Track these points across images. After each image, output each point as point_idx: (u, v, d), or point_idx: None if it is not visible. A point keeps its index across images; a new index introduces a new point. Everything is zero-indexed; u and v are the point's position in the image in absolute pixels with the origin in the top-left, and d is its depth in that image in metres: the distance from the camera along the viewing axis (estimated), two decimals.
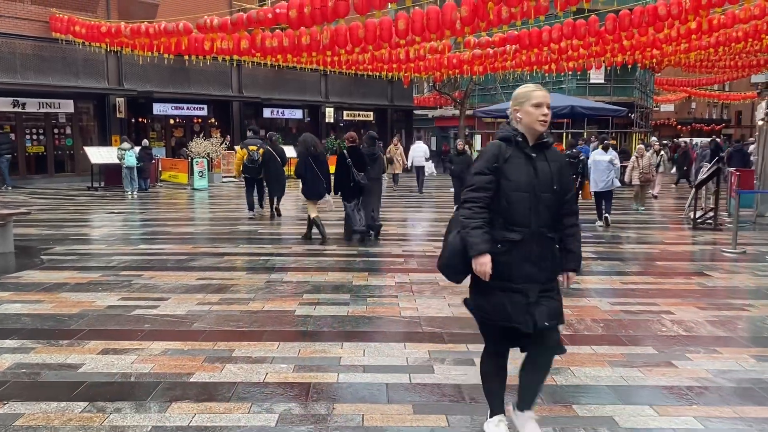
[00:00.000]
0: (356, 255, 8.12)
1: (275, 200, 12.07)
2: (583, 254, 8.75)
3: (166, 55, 15.52)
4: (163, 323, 5.09)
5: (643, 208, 13.41)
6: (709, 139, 31.47)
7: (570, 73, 23.51)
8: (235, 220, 11.73)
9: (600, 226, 10.91)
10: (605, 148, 11.07)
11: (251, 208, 12.05)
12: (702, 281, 6.75)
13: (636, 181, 13.13)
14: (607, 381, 3.93)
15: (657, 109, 41.38)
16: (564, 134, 25.68)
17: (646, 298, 5.96)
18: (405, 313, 5.38)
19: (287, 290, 6.19)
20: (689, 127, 48.90)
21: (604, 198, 10.90)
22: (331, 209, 9.38)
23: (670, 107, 46.03)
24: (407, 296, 5.96)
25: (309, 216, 9.20)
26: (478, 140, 31.69)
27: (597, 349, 4.49)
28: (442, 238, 3.08)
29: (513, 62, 18.09)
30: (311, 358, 4.27)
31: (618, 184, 11.22)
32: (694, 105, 50.32)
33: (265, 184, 12.14)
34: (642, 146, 13.36)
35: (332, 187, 9.08)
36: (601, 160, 10.79)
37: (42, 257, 7.87)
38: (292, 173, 13.10)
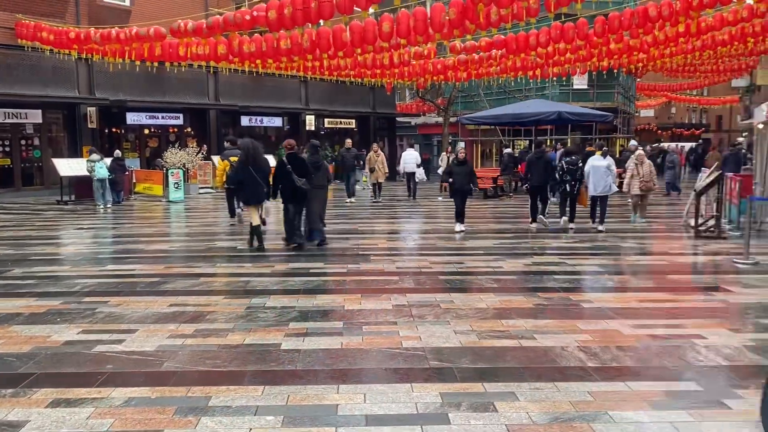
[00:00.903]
0: (346, 273, 7.47)
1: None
2: (588, 268, 8.16)
3: (138, 62, 14.76)
4: (129, 363, 4.39)
5: (644, 220, 12.23)
6: (677, 145, 31.33)
7: (554, 79, 23.21)
8: (212, 234, 11.00)
9: (592, 227, 11.09)
10: (603, 155, 11.34)
11: (233, 214, 12.47)
12: (724, 297, 6.23)
13: (636, 191, 12.02)
14: (654, 428, 3.34)
15: (638, 114, 41.35)
16: (549, 140, 25.42)
17: (670, 319, 5.40)
18: (407, 344, 4.75)
19: (271, 318, 5.51)
20: (670, 131, 49.11)
21: (600, 202, 11.05)
22: (268, 214, 9.24)
23: (650, 112, 46.12)
24: (407, 322, 5.33)
25: (251, 224, 9.15)
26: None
27: (632, 386, 3.90)
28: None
29: (498, 68, 17.63)
30: (302, 407, 3.61)
31: (615, 188, 11.37)
32: (674, 110, 50.56)
33: None
34: (641, 152, 12.18)
35: (272, 193, 9.07)
36: (599, 165, 11.00)
37: None
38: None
